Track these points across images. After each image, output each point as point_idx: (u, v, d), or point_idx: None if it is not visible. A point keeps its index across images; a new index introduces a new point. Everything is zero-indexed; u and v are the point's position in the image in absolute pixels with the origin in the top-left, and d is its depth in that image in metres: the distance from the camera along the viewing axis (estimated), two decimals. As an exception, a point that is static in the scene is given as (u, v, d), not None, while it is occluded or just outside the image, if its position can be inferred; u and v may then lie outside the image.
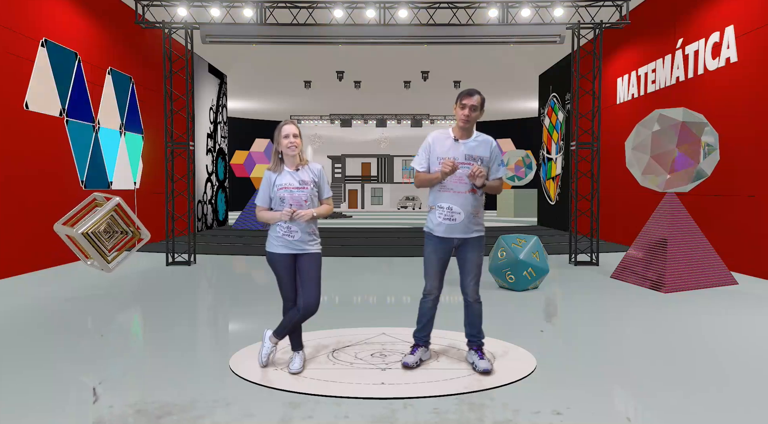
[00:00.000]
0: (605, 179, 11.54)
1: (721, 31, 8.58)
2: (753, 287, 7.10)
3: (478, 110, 3.81)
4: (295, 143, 3.74)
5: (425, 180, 3.88)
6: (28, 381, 3.66)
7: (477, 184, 3.71)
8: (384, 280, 8.13)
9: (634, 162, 7.21)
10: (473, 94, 3.81)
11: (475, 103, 3.79)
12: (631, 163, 7.29)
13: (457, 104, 3.83)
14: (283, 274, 3.81)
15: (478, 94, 3.82)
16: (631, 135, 7.31)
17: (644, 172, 7.10)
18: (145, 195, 11.71)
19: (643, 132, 7.08)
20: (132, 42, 11.31)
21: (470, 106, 3.77)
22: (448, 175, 3.71)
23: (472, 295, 3.91)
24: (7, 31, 7.75)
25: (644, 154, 7.03)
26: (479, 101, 3.80)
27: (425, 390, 3.47)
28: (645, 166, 7.05)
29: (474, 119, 3.81)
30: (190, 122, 9.49)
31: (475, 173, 3.67)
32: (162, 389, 3.50)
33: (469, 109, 3.77)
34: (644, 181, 7.19)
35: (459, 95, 3.84)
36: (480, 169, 3.68)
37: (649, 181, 7.12)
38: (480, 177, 3.68)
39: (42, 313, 5.72)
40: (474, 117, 3.80)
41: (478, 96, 3.81)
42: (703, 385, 3.66)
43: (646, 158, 7.02)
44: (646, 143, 6.99)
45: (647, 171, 7.06)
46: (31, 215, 8.20)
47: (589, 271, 8.65)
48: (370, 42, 12.09)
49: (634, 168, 7.27)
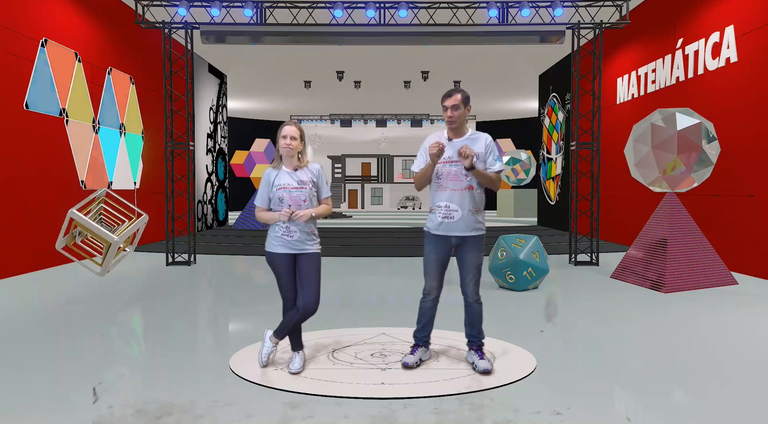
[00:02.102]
0: (605, 179, 11.54)
1: (721, 31, 8.58)
2: (753, 287, 7.10)
3: (461, 108, 3.82)
4: (291, 145, 3.75)
5: (421, 175, 3.90)
6: (28, 381, 3.66)
7: (465, 165, 3.71)
8: (384, 280, 8.13)
9: (639, 177, 7.28)
10: (452, 94, 3.84)
11: (456, 103, 3.81)
12: (636, 176, 7.35)
13: (442, 107, 3.88)
14: (282, 274, 3.81)
15: (457, 92, 3.84)
16: (629, 150, 7.32)
17: (650, 183, 7.18)
18: (145, 195, 11.70)
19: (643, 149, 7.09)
20: (132, 42, 11.31)
21: (451, 107, 3.81)
22: (437, 157, 3.73)
23: (472, 295, 3.91)
24: (7, 31, 7.75)
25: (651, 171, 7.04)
26: (459, 99, 3.82)
27: (425, 390, 3.47)
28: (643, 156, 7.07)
29: (459, 118, 3.83)
30: (190, 122, 9.49)
31: (462, 152, 3.68)
32: (162, 389, 3.50)
33: (450, 109, 3.81)
34: (654, 188, 7.27)
35: (441, 98, 3.88)
36: (468, 148, 3.68)
37: (658, 187, 7.19)
38: (467, 158, 3.67)
39: (42, 313, 5.72)
40: (458, 115, 3.82)
41: (458, 94, 3.83)
42: (703, 385, 3.66)
43: (654, 174, 7.03)
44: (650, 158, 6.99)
45: (654, 182, 7.12)
46: (31, 215, 8.20)
47: (589, 271, 8.65)
48: (370, 42, 12.15)
49: (640, 179, 7.33)
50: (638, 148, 7.11)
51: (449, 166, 3.81)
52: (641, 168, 7.14)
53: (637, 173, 7.26)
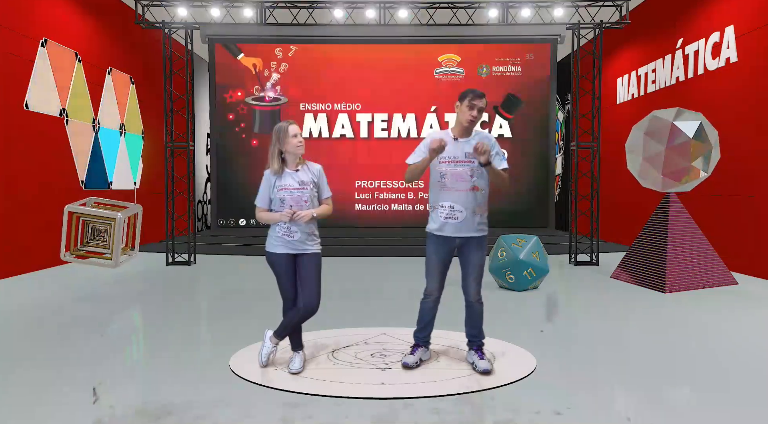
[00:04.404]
0: (605, 179, 11.54)
1: (721, 31, 8.58)
2: (753, 287, 7.10)
3: (483, 113, 3.82)
4: (302, 142, 3.79)
5: (415, 167, 3.82)
6: (28, 381, 3.66)
7: (482, 161, 3.66)
8: (384, 280, 8.13)
9: (632, 165, 7.25)
10: (482, 96, 3.78)
11: (483, 106, 3.78)
12: (630, 165, 7.32)
13: (463, 103, 3.77)
14: (282, 274, 3.81)
15: (485, 97, 3.81)
16: (634, 143, 7.32)
17: (640, 175, 7.14)
18: (145, 195, 11.70)
19: (636, 134, 7.10)
20: (132, 42, 11.31)
21: (479, 108, 3.75)
22: (437, 152, 3.66)
23: (474, 295, 3.90)
24: (7, 31, 7.75)
25: (640, 156, 7.05)
26: (485, 104, 3.80)
27: (425, 390, 3.47)
28: (639, 168, 7.08)
29: (479, 121, 3.82)
30: (190, 122, 9.49)
31: (479, 148, 3.60)
32: (162, 389, 3.50)
33: (477, 110, 3.75)
34: (645, 182, 7.21)
35: (466, 94, 3.78)
36: (484, 144, 3.61)
37: (650, 183, 7.14)
38: (484, 154, 3.61)
39: (42, 313, 5.72)
40: (479, 118, 3.80)
41: (485, 100, 3.80)
42: (703, 385, 3.66)
43: (640, 160, 7.04)
44: (640, 145, 7.01)
45: (643, 173, 7.08)
46: (31, 215, 8.20)
47: (589, 271, 8.65)
48: (370, 42, 12.16)
49: (633, 170, 7.29)
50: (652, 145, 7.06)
51: (454, 166, 3.77)
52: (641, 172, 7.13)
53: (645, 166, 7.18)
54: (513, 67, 12.29)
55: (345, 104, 12.34)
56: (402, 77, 12.29)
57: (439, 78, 12.31)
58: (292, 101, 12.26)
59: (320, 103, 12.31)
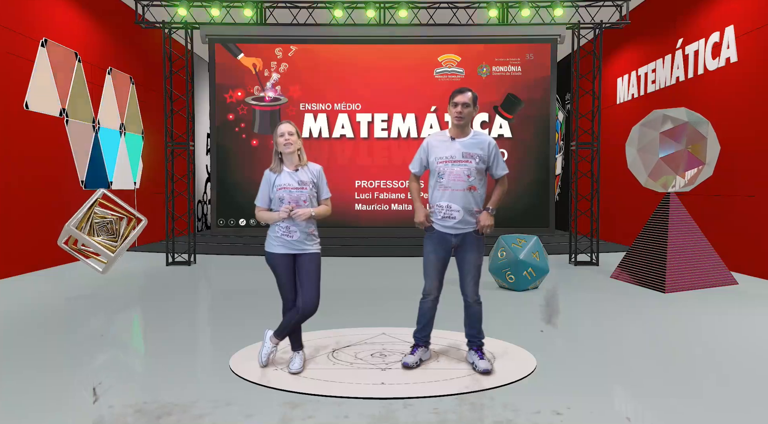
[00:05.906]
0: (605, 179, 11.54)
1: (721, 31, 8.58)
2: (753, 287, 7.10)
3: (471, 107, 3.83)
4: (290, 141, 3.76)
5: (412, 196, 4.12)
6: (27, 381, 3.66)
7: (485, 233, 3.86)
8: (384, 280, 8.13)
9: (640, 164, 7.19)
10: (464, 91, 3.84)
11: (467, 101, 3.81)
12: (635, 165, 7.26)
13: (450, 103, 3.86)
14: (282, 274, 3.81)
15: (469, 91, 3.85)
16: (633, 136, 7.28)
17: (651, 175, 7.09)
18: (145, 195, 11.71)
19: (650, 133, 7.05)
20: (132, 42, 11.31)
21: (462, 104, 3.80)
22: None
23: (472, 296, 3.91)
24: (7, 31, 7.75)
25: (653, 155, 6.99)
26: (471, 98, 3.83)
27: (425, 390, 3.47)
28: (653, 167, 7.02)
29: (467, 116, 3.83)
30: (190, 122, 9.49)
31: (479, 230, 3.83)
32: (162, 389, 3.50)
33: (461, 106, 3.80)
34: (648, 183, 7.19)
35: (451, 94, 3.88)
36: (483, 228, 3.83)
37: (659, 184, 7.10)
38: (488, 227, 3.83)
39: (42, 313, 5.72)
40: (467, 113, 3.81)
41: (469, 92, 3.84)
42: (703, 385, 3.66)
43: (655, 159, 6.98)
44: (654, 145, 6.95)
45: (655, 173, 7.04)
46: (32, 215, 8.20)
47: (589, 271, 8.65)
48: (370, 42, 12.16)
49: (638, 170, 7.25)
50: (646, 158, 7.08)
51: (451, 165, 3.80)
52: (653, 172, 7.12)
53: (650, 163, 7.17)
54: (513, 67, 12.29)
55: (345, 104, 12.34)
56: (402, 77, 12.30)
57: (439, 78, 12.31)
58: (292, 101, 12.26)
59: (320, 103, 12.32)
